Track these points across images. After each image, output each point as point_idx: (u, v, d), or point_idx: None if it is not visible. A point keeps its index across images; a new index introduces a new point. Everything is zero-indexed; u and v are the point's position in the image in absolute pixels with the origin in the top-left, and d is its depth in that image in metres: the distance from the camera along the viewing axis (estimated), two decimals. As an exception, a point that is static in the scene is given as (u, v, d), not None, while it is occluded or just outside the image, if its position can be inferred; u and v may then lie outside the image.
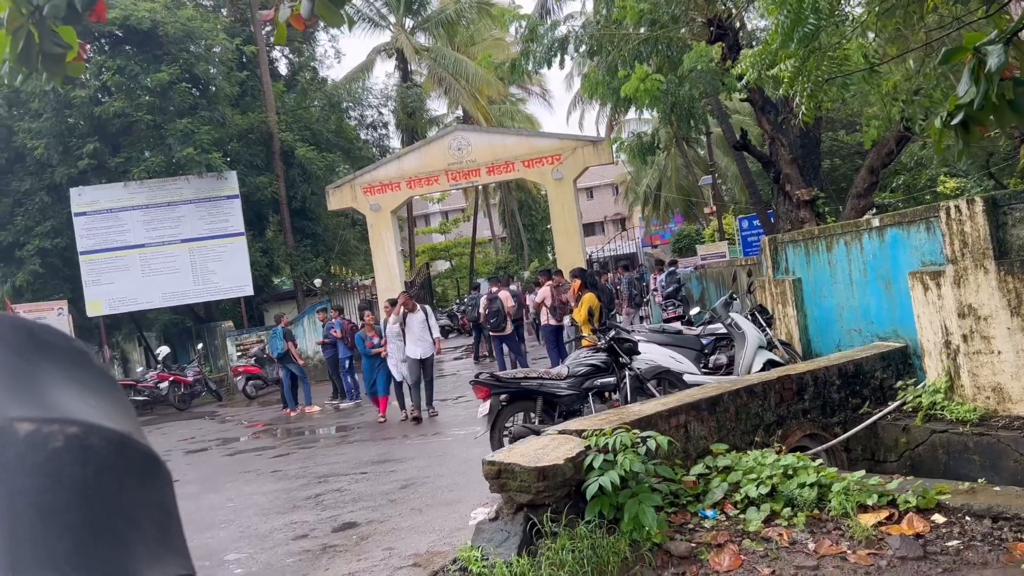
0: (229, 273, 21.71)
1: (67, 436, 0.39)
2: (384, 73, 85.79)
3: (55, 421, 0.39)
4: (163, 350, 20.72)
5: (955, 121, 3.61)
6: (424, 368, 11.77)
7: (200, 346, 22.59)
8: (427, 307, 12.19)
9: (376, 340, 12.51)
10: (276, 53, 27.44)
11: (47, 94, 19.88)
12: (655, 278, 18.70)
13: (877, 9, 6.28)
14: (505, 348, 15.32)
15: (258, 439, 12.95)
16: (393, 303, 12.54)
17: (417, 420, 11.57)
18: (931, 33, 5.99)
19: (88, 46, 20.85)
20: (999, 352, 5.70)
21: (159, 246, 21.50)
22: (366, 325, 12.96)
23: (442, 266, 46.74)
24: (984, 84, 3.40)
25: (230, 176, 21.83)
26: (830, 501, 4.84)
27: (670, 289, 16.76)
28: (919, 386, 6.57)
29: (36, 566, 0.37)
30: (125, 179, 21.13)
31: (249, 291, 22.11)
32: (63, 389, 0.42)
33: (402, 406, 12.23)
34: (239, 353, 21.18)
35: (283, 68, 28.46)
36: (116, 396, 0.48)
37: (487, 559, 4.60)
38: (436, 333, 11.94)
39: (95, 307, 21.02)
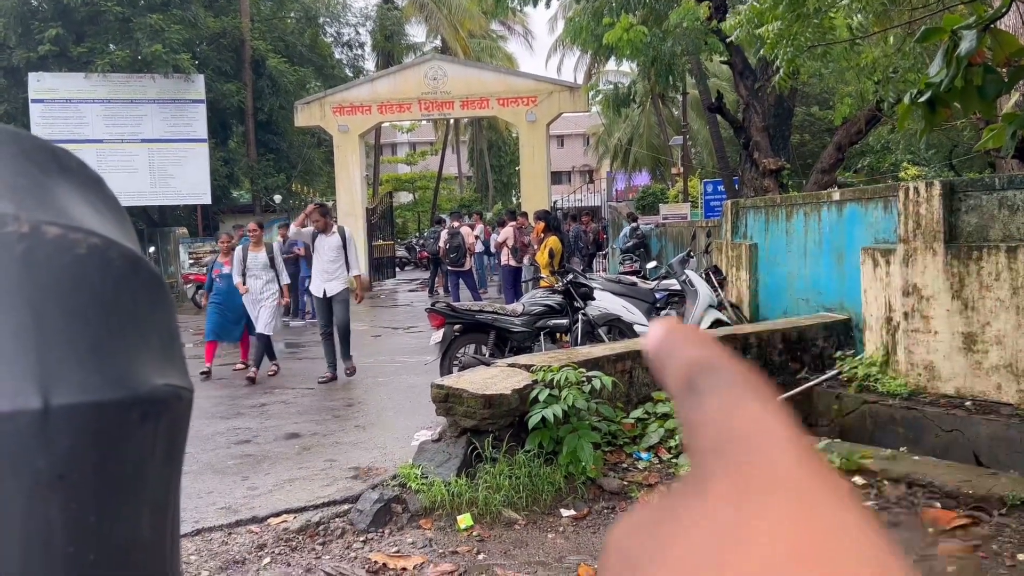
0: (188, 179, 21.29)
1: (89, 245, 0.41)
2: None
3: (80, 230, 0.41)
4: (113, 250, 20.35)
5: (923, 99, 3.72)
6: (333, 310, 8.90)
7: (152, 250, 22.19)
8: (346, 229, 9.26)
9: (227, 269, 9.62)
10: (255, -43, 26.50)
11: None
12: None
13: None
14: (461, 283, 15.40)
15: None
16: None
17: (329, 378, 8.95)
18: (915, 12, 6.08)
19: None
20: (936, 332, 5.94)
21: (118, 143, 20.95)
22: (222, 249, 10.06)
23: (405, 198, 46.34)
24: (954, 67, 3.50)
25: (197, 79, 21.24)
26: (759, 455, 5.05)
27: (630, 243, 16.93)
28: (857, 358, 6.82)
29: (60, 353, 0.40)
30: (87, 70, 20.41)
31: (207, 199, 21.73)
32: (82, 206, 0.44)
33: (256, 363, 9.45)
34: (191, 261, 20.90)
35: (261, -27, 27.53)
36: (127, 224, 0.51)
37: (427, 477, 4.73)
38: (357, 268, 9.15)
39: (45, 199, 20.46)
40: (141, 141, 21.10)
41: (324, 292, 8.90)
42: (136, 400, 0.43)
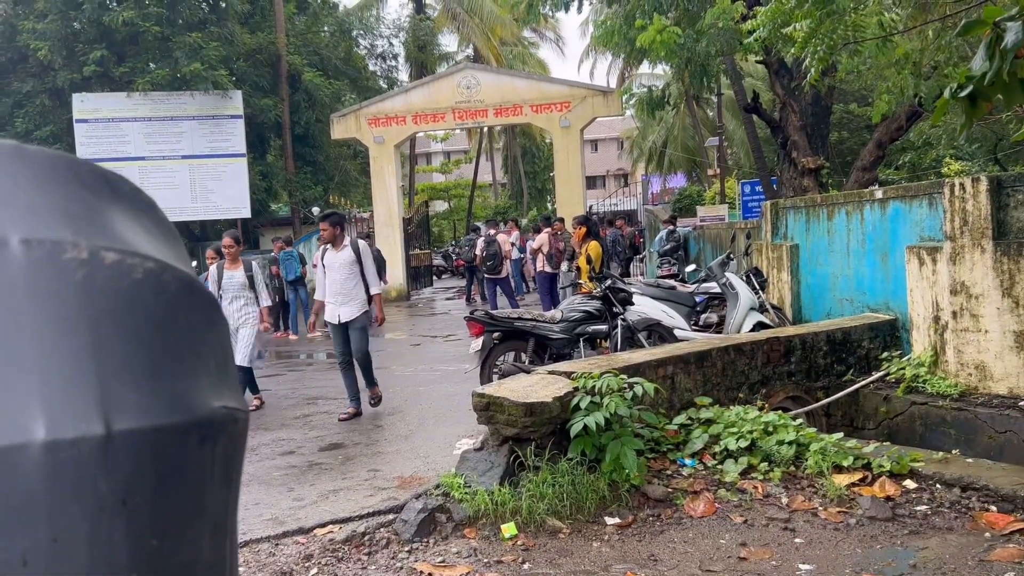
0: (228, 193, 21.61)
1: (146, 270, 0.42)
2: (398, 3, 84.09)
3: (136, 255, 0.42)
4: (156, 265, 20.70)
5: (964, 93, 3.63)
6: (351, 337, 7.62)
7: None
8: (362, 243, 7.85)
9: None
10: (289, -27, 26.89)
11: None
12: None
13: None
14: (498, 291, 15.41)
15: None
16: (219, 253, 8.28)
17: (352, 415, 7.66)
18: (951, 6, 5.95)
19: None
20: (986, 331, 5.80)
21: (159, 160, 21.35)
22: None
23: (440, 206, 46.58)
24: (998, 60, 3.42)
25: (235, 95, 21.59)
26: (807, 460, 4.97)
27: (667, 247, 16.81)
28: (904, 358, 6.69)
29: (118, 375, 0.40)
30: (129, 89, 20.86)
31: (247, 213, 22.04)
32: (136, 231, 0.45)
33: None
34: (232, 274, 21.18)
35: (295, -11, 27.91)
36: (180, 248, 0.51)
37: (470, 486, 4.73)
38: (377, 286, 7.75)
39: (91, 216, 20.91)
40: (182, 157, 21.48)
41: (338, 317, 7.56)
42: (194, 424, 0.43)
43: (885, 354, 6.88)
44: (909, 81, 7.95)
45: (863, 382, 6.63)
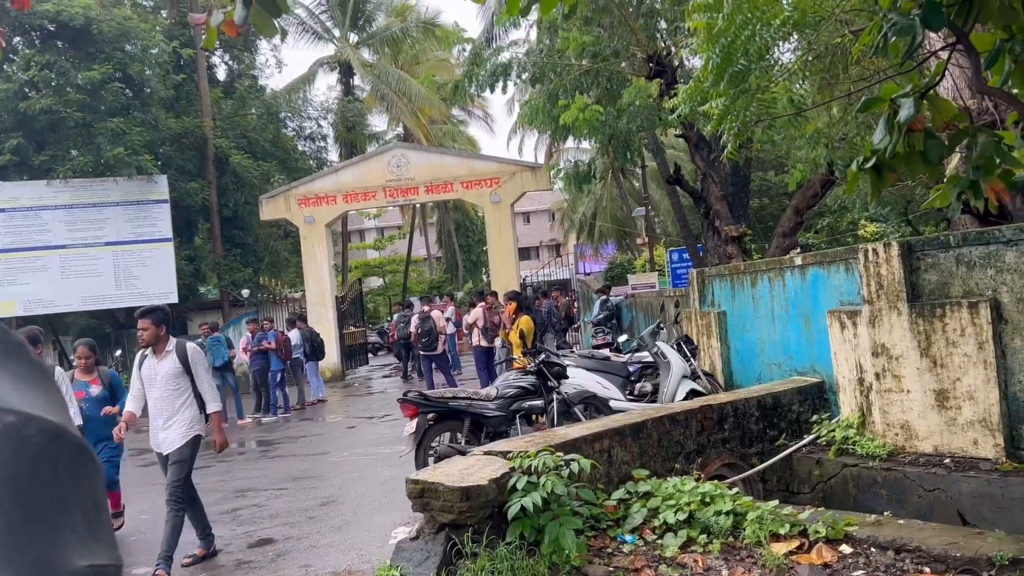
0: (154, 279, 21.13)
1: (5, 424, 0.40)
2: (326, 86, 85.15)
3: None
4: (79, 356, 19.95)
5: (868, 165, 3.82)
6: (168, 469, 6.07)
7: (118, 353, 21.86)
8: (191, 346, 6.21)
9: (95, 390, 7.34)
10: (215, 59, 27.01)
11: (-32, 84, 19.17)
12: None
13: (805, 57, 6.57)
14: (434, 367, 15.28)
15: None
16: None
17: (200, 557, 6.17)
18: (854, 83, 6.30)
19: (13, 39, 20.19)
20: (908, 391, 5.96)
21: (81, 248, 20.82)
22: (80, 366, 7.52)
23: (375, 283, 46.36)
24: (896, 133, 3.61)
25: (160, 180, 21.32)
26: (745, 529, 4.97)
27: (601, 316, 16.98)
28: (833, 421, 6.80)
29: None
30: (49, 177, 20.41)
31: (174, 299, 21.52)
32: (1, 379, 0.43)
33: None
34: (159, 362, 20.54)
35: (221, 74, 28.00)
36: (51, 389, 0.49)
37: (406, 578, 4.57)
38: (214, 402, 6.21)
39: (8, 308, 20.18)
40: (105, 244, 20.99)
41: (160, 446, 6.08)
42: None
43: (815, 417, 6.99)
44: (821, 152, 8.33)
45: (795, 447, 6.71)
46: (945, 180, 4.23)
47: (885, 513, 5.19)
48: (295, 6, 30.00)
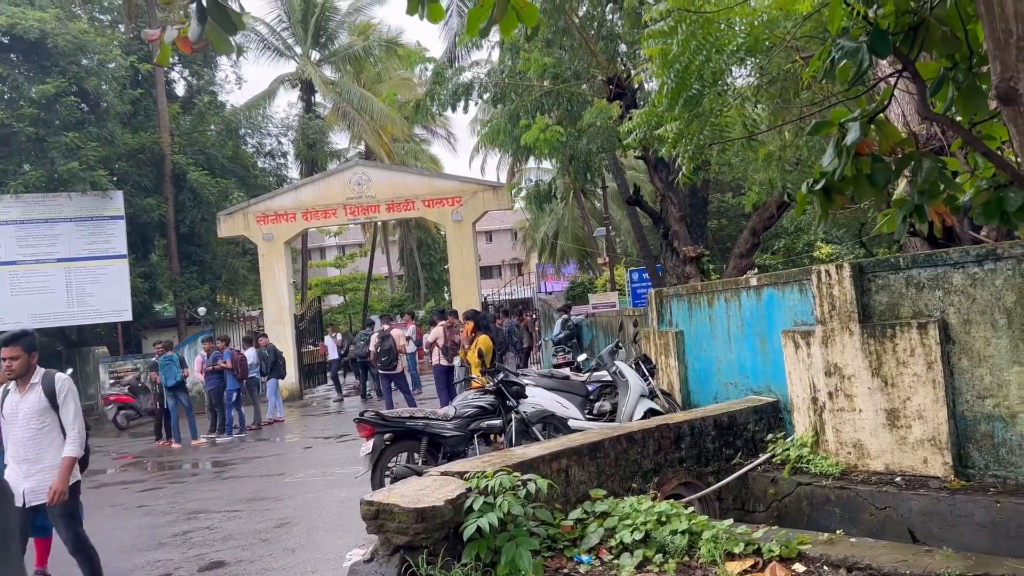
0: (107, 297, 20.73)
1: None
2: (287, 103, 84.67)
3: None
4: (28, 374, 19.46)
5: (818, 187, 3.90)
6: (57, 526, 5.34)
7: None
8: (61, 377, 5.61)
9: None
10: (174, 74, 26.74)
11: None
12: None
13: (757, 81, 6.70)
14: (393, 386, 15.16)
15: (126, 472, 12.30)
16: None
17: None
18: (806, 108, 6.44)
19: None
20: (860, 410, 6.05)
21: (32, 264, 20.37)
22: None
23: (335, 301, 45.97)
24: (844, 157, 3.69)
25: (115, 196, 20.98)
26: (700, 548, 4.98)
27: (562, 335, 17.03)
28: (788, 440, 6.88)
29: None
30: (0, 192, 19.98)
31: (128, 316, 21.15)
32: None
33: None
34: (112, 381, 20.14)
35: (180, 89, 27.71)
36: None
37: (360, 602, 4.50)
38: (74, 444, 5.33)
39: (-46, 325, 19.63)
40: (57, 260, 20.56)
41: (24, 495, 5.11)
42: None
43: (770, 436, 7.06)
44: (776, 175, 8.47)
45: (750, 465, 6.76)
46: (892, 203, 4.33)
47: (838, 531, 5.25)
48: (256, 23, 29.86)
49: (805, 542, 4.90)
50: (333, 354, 21.18)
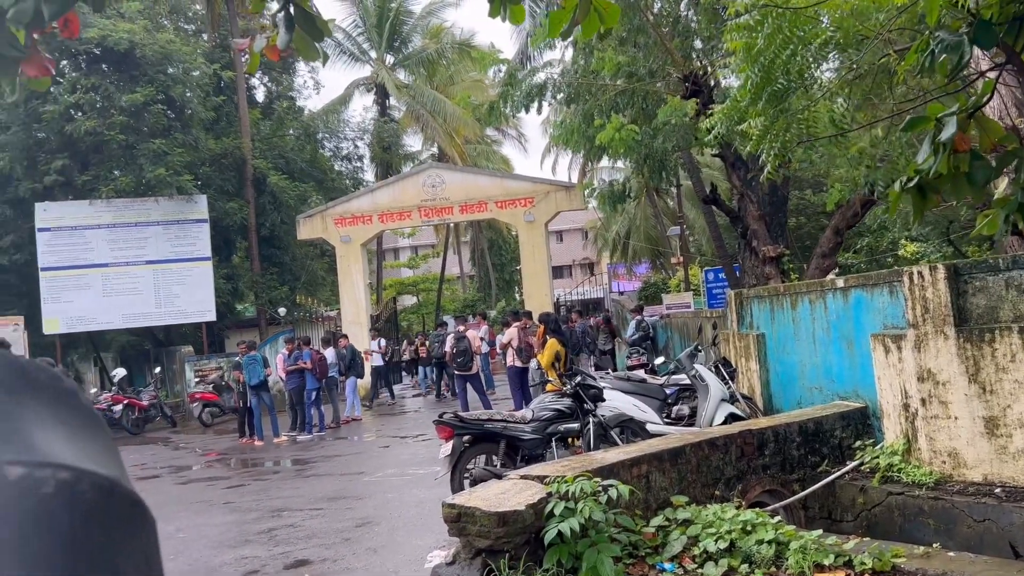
0: (192, 297, 21.43)
1: (58, 481, 0.39)
2: (362, 107, 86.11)
3: (46, 465, 0.38)
4: (119, 372, 20.30)
5: (911, 185, 3.73)
6: None
7: (157, 370, 22.18)
8: None
9: None
10: (254, 80, 27.47)
11: (16, 107, 19.64)
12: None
13: (846, 76, 6.48)
14: (468, 387, 15.25)
15: (211, 468, 12.69)
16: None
17: None
18: (899, 103, 6.19)
19: (60, 63, 20.70)
20: (956, 417, 5.80)
21: (123, 266, 21.19)
22: None
23: (409, 301, 46.56)
24: (941, 154, 3.53)
25: (200, 200, 21.67)
26: (787, 559, 4.85)
27: (635, 336, 16.85)
28: (877, 447, 6.64)
29: None
30: (92, 197, 20.86)
31: (212, 317, 21.82)
32: (52, 431, 0.41)
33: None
34: (197, 379, 20.82)
35: (260, 95, 28.47)
36: (103, 438, 0.47)
37: (442, 604, 4.53)
38: None
39: (52, 324, 20.58)
40: (146, 263, 21.34)
41: None
42: None
43: (858, 443, 6.83)
44: (862, 172, 8.19)
45: (838, 473, 6.56)
46: (993, 203, 4.13)
47: (934, 545, 5.04)
48: (333, 29, 30.42)
49: (900, 555, 4.72)
50: (377, 360, 20.63)
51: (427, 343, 21.57)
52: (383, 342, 20.91)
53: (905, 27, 5.24)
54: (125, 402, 18.33)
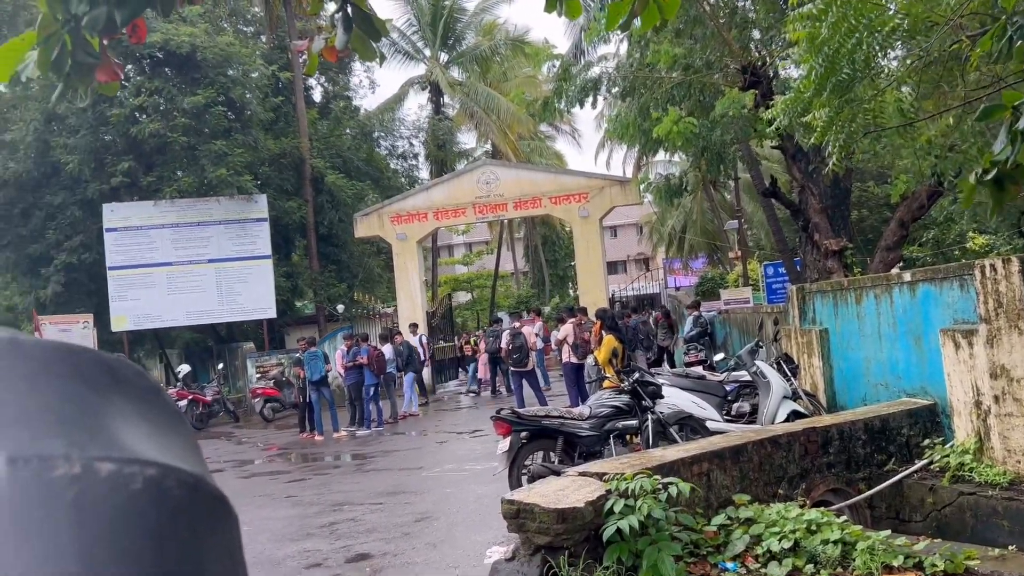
0: (253, 295, 21.86)
1: (146, 478, 0.38)
2: (417, 105, 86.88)
3: (135, 462, 0.38)
4: (184, 368, 20.82)
5: (988, 177, 3.59)
6: None
7: (220, 366, 22.70)
8: None
9: None
10: (312, 81, 27.88)
11: (85, 111, 20.28)
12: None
13: (915, 64, 6.28)
14: (524, 384, 15.25)
15: (273, 463, 12.95)
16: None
17: None
18: (971, 91, 5.97)
19: (125, 67, 21.29)
20: (1031, 415, 5.59)
21: (186, 265, 21.72)
22: None
23: (463, 297, 46.81)
24: (1020, 143, 3.39)
25: (260, 199, 22.09)
26: (854, 560, 4.73)
27: (693, 332, 16.65)
28: (947, 445, 6.45)
29: None
30: (156, 197, 21.43)
31: (272, 314, 22.24)
32: (138, 427, 0.42)
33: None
34: (258, 375, 21.25)
35: (317, 95, 28.89)
36: (186, 436, 0.48)
37: (502, 600, 4.54)
38: None
39: (120, 322, 21.21)
40: (208, 261, 21.84)
41: None
42: None
43: (927, 441, 6.65)
44: (928, 162, 7.95)
45: (906, 472, 6.38)
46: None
47: (1010, 547, 4.87)
48: (389, 28, 30.71)
49: (973, 557, 4.58)
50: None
51: (471, 341, 21.61)
52: (424, 338, 20.00)
53: (978, 12, 5.05)
54: (190, 398, 18.80)
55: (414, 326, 19.52)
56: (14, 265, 22.46)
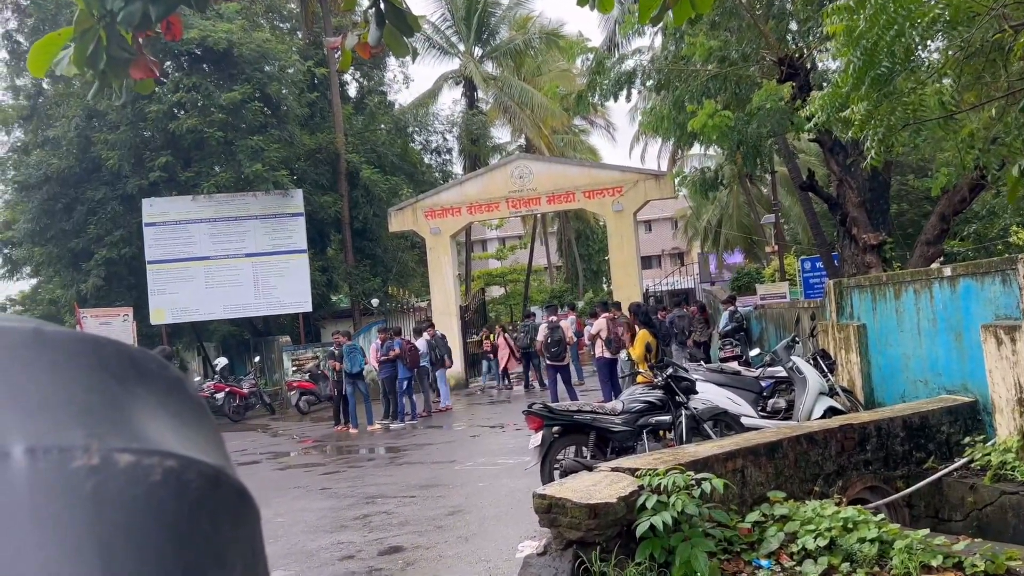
0: (290, 289, 22.10)
1: (165, 470, 0.39)
2: (450, 99, 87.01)
3: (154, 453, 0.38)
4: (221, 361, 21.12)
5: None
6: None
7: (257, 359, 22.97)
8: None
9: None
10: (346, 76, 28.05)
11: (124, 107, 20.62)
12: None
13: (956, 55, 6.14)
14: (558, 377, 15.24)
15: (308, 455, 13.09)
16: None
17: None
18: (1014, 82, 5.82)
19: (160, 64, 21.57)
20: (1077, 414, 5.46)
21: (223, 259, 22.02)
22: None
23: (496, 292, 46.86)
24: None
25: (296, 194, 22.31)
26: (892, 559, 4.66)
27: (728, 327, 16.51)
28: (989, 444, 6.32)
29: None
30: (194, 192, 21.74)
31: (308, 307, 22.46)
32: (160, 419, 0.42)
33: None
34: (294, 368, 21.49)
35: (352, 91, 29.07)
36: (209, 428, 0.48)
37: (534, 595, 4.54)
38: None
39: (159, 315, 21.58)
40: (245, 255, 22.12)
41: None
42: None
43: (967, 439, 6.52)
44: (971, 155, 7.78)
45: (945, 470, 6.27)
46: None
47: (1053, 548, 4.76)
48: (422, 23, 30.79)
49: (1015, 558, 4.48)
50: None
51: (492, 337, 21.49)
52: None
53: (1021, 1, 4.92)
54: (227, 390, 19.08)
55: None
56: (57, 259, 22.93)
